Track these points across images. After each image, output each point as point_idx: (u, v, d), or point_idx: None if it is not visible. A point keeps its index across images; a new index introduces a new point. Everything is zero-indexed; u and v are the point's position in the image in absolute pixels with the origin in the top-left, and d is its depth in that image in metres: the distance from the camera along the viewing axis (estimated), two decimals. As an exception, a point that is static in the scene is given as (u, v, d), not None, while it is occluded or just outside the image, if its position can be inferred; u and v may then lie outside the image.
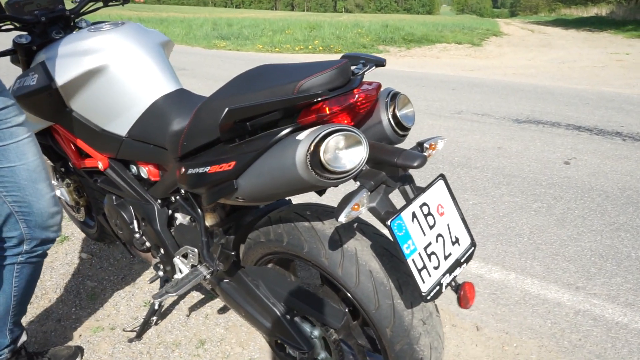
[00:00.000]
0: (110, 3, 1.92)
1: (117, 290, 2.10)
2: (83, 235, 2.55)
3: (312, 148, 0.94)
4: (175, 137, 1.31)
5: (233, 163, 1.08)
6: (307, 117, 1.03)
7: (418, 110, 5.36)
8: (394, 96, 1.17)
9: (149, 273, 2.22)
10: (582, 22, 24.39)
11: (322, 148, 0.94)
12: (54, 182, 2.25)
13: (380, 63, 1.15)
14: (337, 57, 10.73)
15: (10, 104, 1.25)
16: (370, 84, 1.11)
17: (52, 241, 1.45)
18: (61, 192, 2.23)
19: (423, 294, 1.03)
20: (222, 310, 1.96)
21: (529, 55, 11.58)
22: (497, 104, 5.69)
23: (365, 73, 1.12)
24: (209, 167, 1.15)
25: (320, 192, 1.39)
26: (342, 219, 0.96)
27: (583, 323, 1.92)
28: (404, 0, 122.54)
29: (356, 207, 0.98)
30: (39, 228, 1.38)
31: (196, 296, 2.06)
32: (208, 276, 1.44)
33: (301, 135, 0.97)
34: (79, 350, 1.73)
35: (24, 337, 1.56)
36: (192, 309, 1.98)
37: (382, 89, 1.18)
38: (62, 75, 1.48)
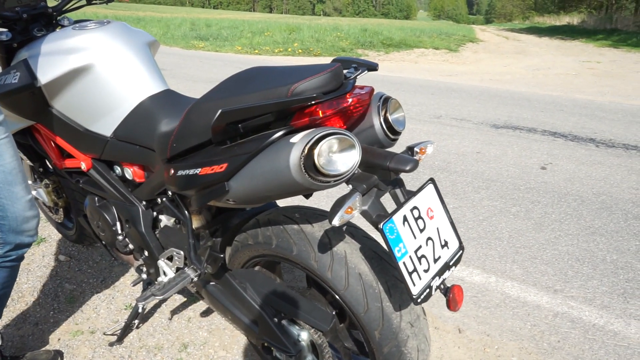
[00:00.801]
0: (94, 1, 1.89)
1: (96, 293, 2.06)
2: (60, 236, 2.50)
3: (306, 151, 0.94)
4: (164, 138, 1.29)
5: (225, 165, 1.07)
6: (300, 119, 1.03)
7: (398, 114, 5.40)
8: (385, 100, 1.18)
9: (130, 276, 2.19)
10: (554, 31, 25.01)
11: (316, 151, 0.94)
12: (30, 182, 2.20)
13: (373, 67, 1.16)
14: (316, 60, 10.76)
15: None
16: (362, 88, 1.12)
17: (27, 246, 1.40)
18: (39, 192, 2.17)
19: (414, 296, 1.04)
20: (205, 313, 1.94)
21: (504, 61, 11.81)
22: (475, 109, 5.78)
23: (358, 77, 1.13)
24: (199, 169, 1.14)
25: (307, 195, 1.39)
26: (336, 222, 0.96)
27: (561, 325, 1.96)
28: (381, 5, 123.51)
29: (349, 210, 0.98)
30: (12, 232, 1.33)
31: (178, 299, 2.03)
32: (195, 279, 1.42)
33: (295, 138, 0.97)
34: (58, 354, 1.69)
35: None
36: (175, 312, 1.96)
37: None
38: (46, 73, 1.45)
